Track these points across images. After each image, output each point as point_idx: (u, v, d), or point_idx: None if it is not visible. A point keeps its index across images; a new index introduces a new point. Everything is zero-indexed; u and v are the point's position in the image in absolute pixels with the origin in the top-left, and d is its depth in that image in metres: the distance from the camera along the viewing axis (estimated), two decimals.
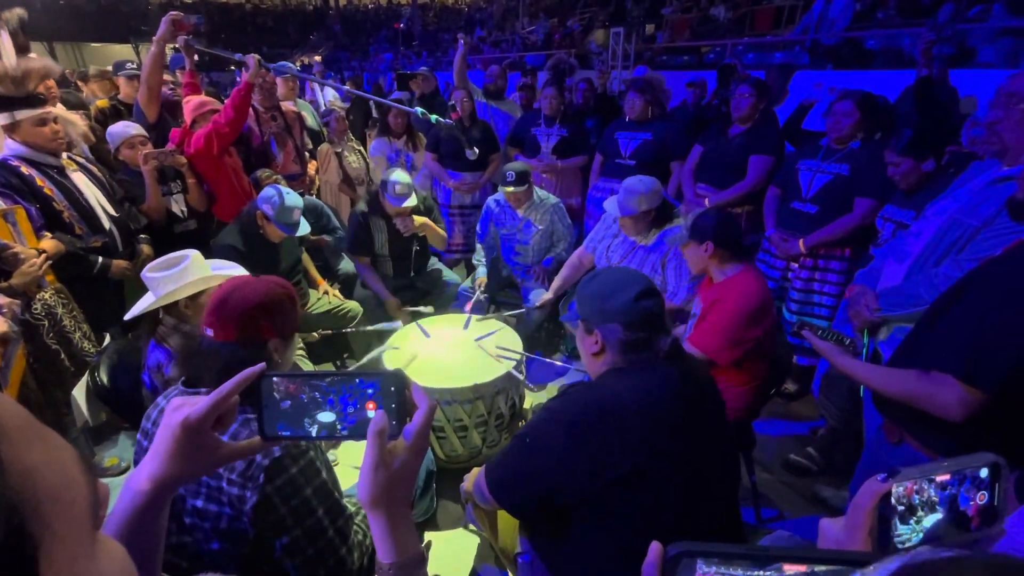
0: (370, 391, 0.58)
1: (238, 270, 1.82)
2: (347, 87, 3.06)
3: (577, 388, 1.18)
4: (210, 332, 1.05)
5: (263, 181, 2.81)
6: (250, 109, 2.81)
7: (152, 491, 0.57)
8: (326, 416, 0.58)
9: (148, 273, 1.58)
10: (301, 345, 2.37)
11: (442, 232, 2.87)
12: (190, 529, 0.99)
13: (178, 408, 0.58)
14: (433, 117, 2.43)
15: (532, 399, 2.49)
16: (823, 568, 0.41)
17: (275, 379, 0.58)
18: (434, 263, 3.11)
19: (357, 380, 0.58)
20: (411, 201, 2.60)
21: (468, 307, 2.55)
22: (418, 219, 2.69)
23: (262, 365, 0.59)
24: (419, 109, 2.53)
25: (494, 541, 1.47)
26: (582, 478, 1.05)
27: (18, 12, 2.30)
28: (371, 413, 0.57)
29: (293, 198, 2.28)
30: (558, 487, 1.08)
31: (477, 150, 2.83)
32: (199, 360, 1.05)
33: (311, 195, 3.29)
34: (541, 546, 1.24)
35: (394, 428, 0.58)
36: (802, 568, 0.40)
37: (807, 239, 2.37)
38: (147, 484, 0.57)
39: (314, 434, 0.58)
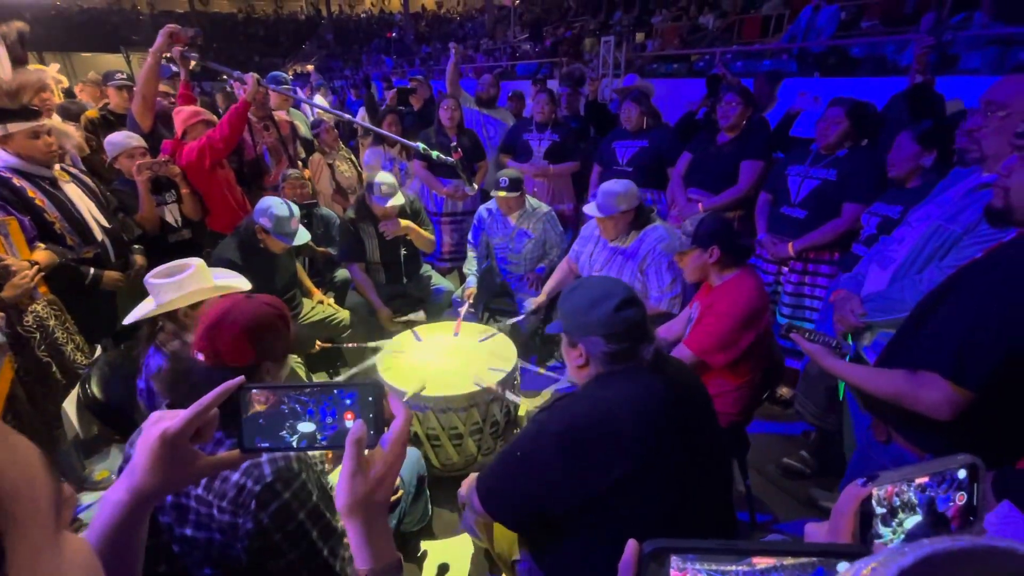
0: (348, 401, 0.59)
1: (240, 280, 1.83)
2: (341, 113, 3.11)
3: (565, 400, 1.18)
4: (201, 357, 1.00)
5: (289, 179, 2.95)
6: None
7: (131, 504, 0.57)
8: (306, 427, 0.59)
9: (151, 279, 1.58)
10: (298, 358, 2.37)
11: (428, 235, 2.89)
12: (179, 556, 0.97)
13: (157, 421, 0.58)
14: (435, 154, 2.46)
15: (527, 405, 2.49)
16: (791, 560, 0.43)
17: (254, 391, 0.58)
18: (427, 270, 3.12)
19: (335, 391, 0.59)
20: (397, 200, 2.64)
21: (462, 312, 2.55)
22: (403, 222, 2.71)
23: (241, 378, 0.59)
24: (421, 144, 2.56)
25: (491, 547, 1.47)
26: (574, 490, 1.06)
27: (18, 26, 2.30)
28: (349, 423, 0.58)
29: (287, 208, 2.29)
30: (550, 499, 1.09)
31: (476, 187, 2.88)
32: (189, 386, 0.99)
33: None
34: (538, 553, 1.25)
35: (371, 438, 0.59)
36: (771, 561, 0.42)
37: (796, 243, 2.40)
38: (126, 496, 0.57)
39: (294, 445, 0.59)
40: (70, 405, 2.01)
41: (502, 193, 2.75)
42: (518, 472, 1.14)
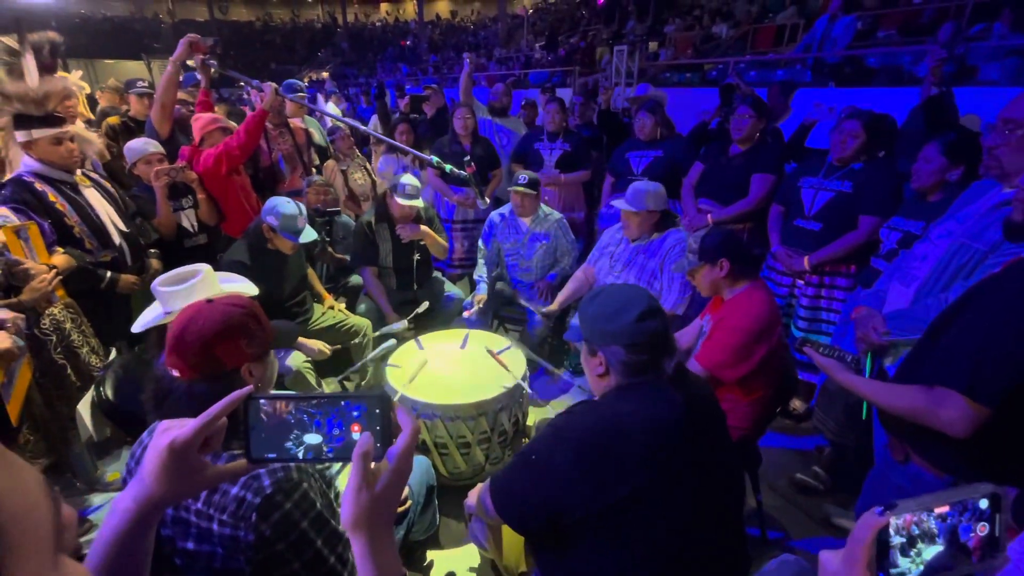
0: (355, 413, 0.58)
1: (246, 284, 1.84)
2: (356, 123, 3.16)
3: (583, 407, 1.17)
4: (176, 373, 0.97)
5: (314, 185, 3.06)
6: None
7: (138, 512, 0.57)
8: (312, 438, 0.58)
9: (159, 287, 1.58)
10: (308, 357, 2.38)
11: (443, 242, 2.91)
12: (183, 570, 0.97)
13: (165, 430, 0.58)
14: (448, 167, 2.48)
15: (536, 415, 2.48)
16: None
17: (262, 402, 0.58)
18: (437, 276, 3.13)
19: (343, 402, 0.58)
20: (418, 202, 2.68)
21: (467, 314, 2.56)
22: (421, 227, 2.74)
23: (249, 388, 0.59)
24: (434, 158, 2.59)
25: (498, 559, 1.46)
26: (585, 497, 1.05)
27: (51, 36, 2.36)
28: (356, 435, 0.58)
29: (294, 206, 2.31)
30: (561, 505, 1.08)
31: (488, 200, 2.91)
32: (172, 404, 0.97)
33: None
34: (548, 567, 1.23)
35: (378, 450, 0.58)
36: None
37: (812, 256, 2.37)
38: (133, 505, 0.57)
39: (301, 456, 0.58)
40: (84, 407, 2.04)
41: (520, 188, 2.77)
42: (532, 475, 1.13)
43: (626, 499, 1.03)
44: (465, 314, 2.57)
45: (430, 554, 1.88)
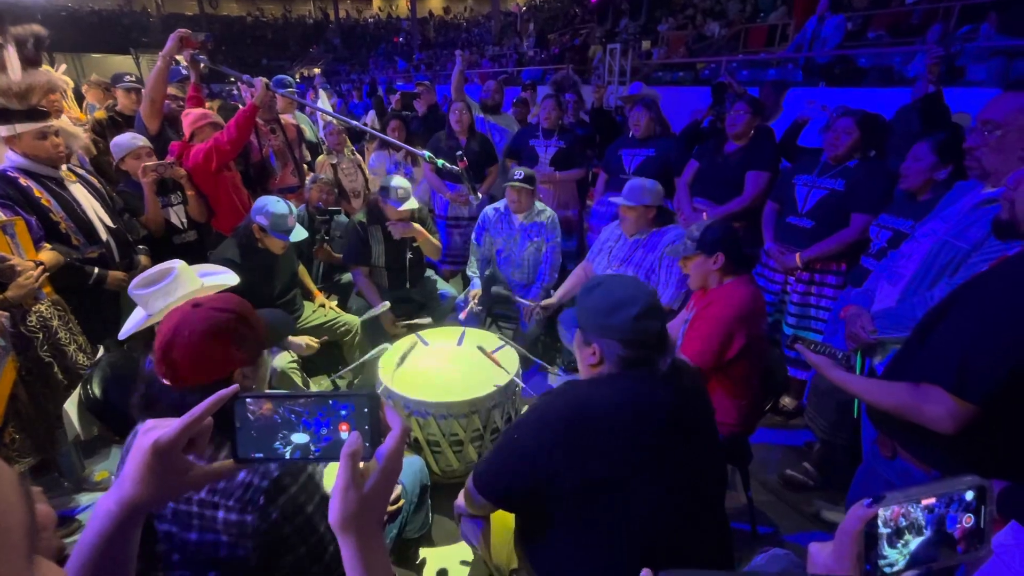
0: (344, 412, 0.58)
1: (228, 275, 1.81)
2: (348, 120, 3.14)
3: (567, 386, 1.17)
4: (166, 382, 0.94)
5: (319, 183, 3.13)
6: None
7: (121, 514, 0.56)
8: (300, 437, 0.57)
9: (135, 290, 1.53)
10: (294, 357, 2.36)
11: (436, 242, 2.89)
12: (182, 564, 0.96)
13: (149, 430, 0.57)
14: (440, 162, 2.46)
15: None
16: None
17: (248, 401, 0.57)
18: (430, 275, 3.12)
19: (331, 401, 0.58)
20: (411, 204, 2.65)
21: (463, 315, 2.55)
22: (413, 224, 2.72)
23: (236, 387, 0.58)
24: (426, 153, 2.57)
25: (488, 557, 1.46)
26: (568, 468, 1.05)
27: (36, 30, 2.31)
28: (344, 434, 0.57)
29: (284, 205, 2.30)
30: (544, 476, 1.07)
31: (480, 195, 2.90)
32: (162, 412, 0.97)
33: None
34: (536, 556, 1.23)
35: (367, 450, 0.57)
36: None
37: (803, 253, 2.39)
38: (116, 507, 0.56)
39: (288, 456, 0.58)
40: (71, 405, 2.01)
41: (516, 183, 2.76)
42: (513, 449, 1.13)
43: (608, 478, 1.03)
44: (461, 316, 2.55)
45: (423, 552, 1.88)
